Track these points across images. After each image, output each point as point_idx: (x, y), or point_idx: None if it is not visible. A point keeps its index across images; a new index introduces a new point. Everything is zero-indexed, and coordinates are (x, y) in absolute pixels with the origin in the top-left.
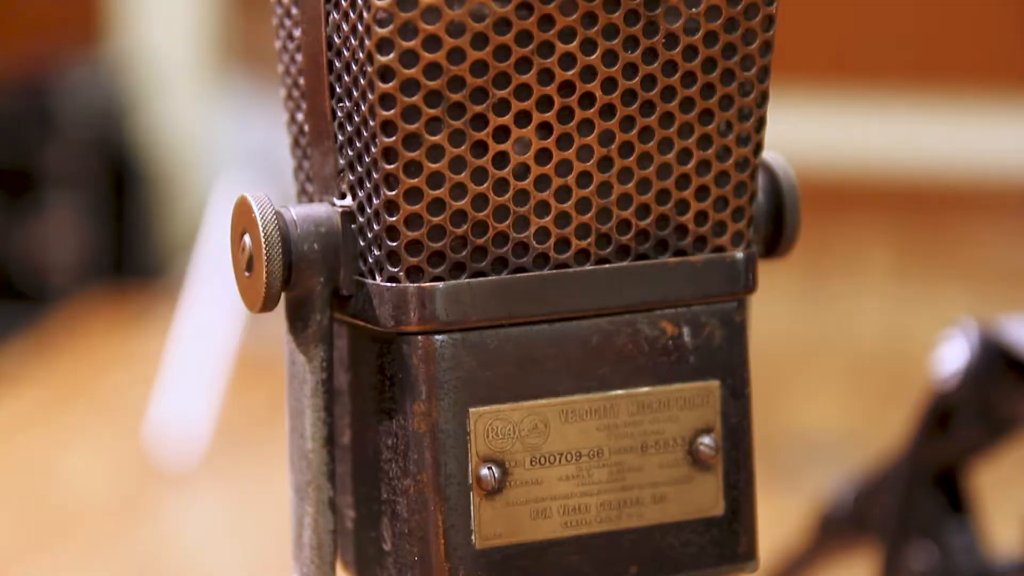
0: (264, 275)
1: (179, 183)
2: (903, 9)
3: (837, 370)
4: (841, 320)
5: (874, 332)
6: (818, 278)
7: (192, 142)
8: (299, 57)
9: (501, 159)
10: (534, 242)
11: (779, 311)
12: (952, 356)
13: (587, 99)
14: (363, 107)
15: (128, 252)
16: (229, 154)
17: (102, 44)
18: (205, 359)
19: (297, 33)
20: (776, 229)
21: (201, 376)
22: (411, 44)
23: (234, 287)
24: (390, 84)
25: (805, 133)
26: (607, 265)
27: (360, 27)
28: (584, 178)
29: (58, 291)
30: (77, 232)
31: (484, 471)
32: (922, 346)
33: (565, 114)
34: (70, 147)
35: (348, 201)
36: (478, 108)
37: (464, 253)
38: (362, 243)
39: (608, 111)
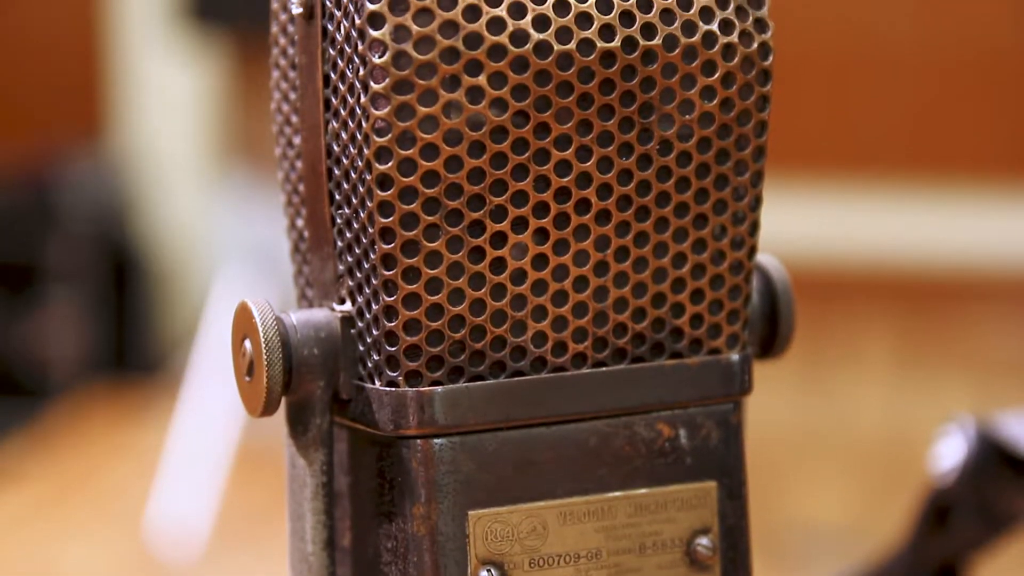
0: (264, 380)
1: (179, 278)
2: (899, 98)
3: (837, 461)
4: (841, 411)
5: (874, 422)
6: (818, 368)
7: (193, 237)
8: (299, 164)
9: (499, 264)
10: (532, 346)
11: (778, 401)
12: (949, 452)
13: (583, 205)
14: (362, 214)
15: (128, 347)
16: (229, 249)
17: (103, 140)
18: (205, 454)
19: (297, 141)
20: (771, 330)
21: (201, 471)
22: (409, 153)
23: (234, 383)
24: (388, 192)
25: (803, 222)
26: (604, 368)
27: (359, 136)
28: (580, 282)
29: (58, 386)
30: (77, 327)
31: (483, 574)
32: (922, 436)
33: (561, 220)
34: (71, 242)
35: (348, 306)
36: (475, 214)
37: (462, 357)
38: (361, 348)
39: (603, 216)
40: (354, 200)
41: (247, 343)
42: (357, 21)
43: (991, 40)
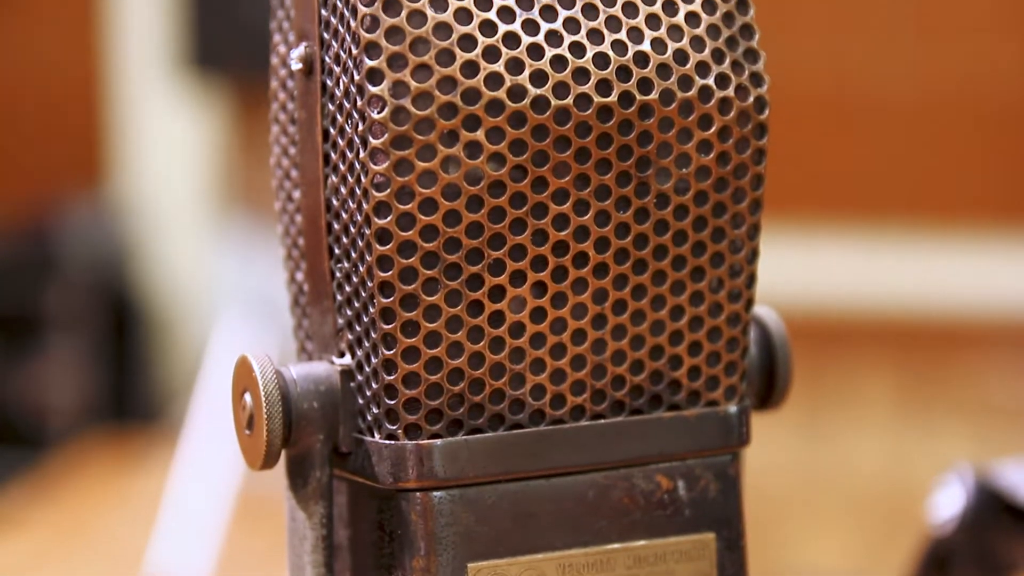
0: (265, 433)
1: (179, 326)
2: (897, 145)
3: (837, 507)
4: (840, 457)
5: (874, 469)
6: (817, 415)
7: (192, 285)
8: (298, 218)
9: (497, 318)
10: (530, 399)
11: (778, 448)
12: (948, 501)
13: (580, 258)
14: (361, 268)
15: (128, 395)
16: (229, 297)
17: (104, 188)
18: (205, 502)
19: (296, 195)
20: (769, 382)
21: (201, 519)
22: (408, 207)
23: (233, 431)
24: (388, 246)
25: (803, 268)
26: (602, 421)
27: (358, 190)
28: (578, 335)
29: (58, 434)
30: (77, 375)
31: None
32: (923, 483)
33: (559, 273)
34: (71, 290)
35: (347, 359)
36: (474, 268)
37: (461, 410)
38: (361, 401)
39: (601, 270)
40: (353, 254)
41: (247, 397)
42: (356, 77)
43: (989, 86)
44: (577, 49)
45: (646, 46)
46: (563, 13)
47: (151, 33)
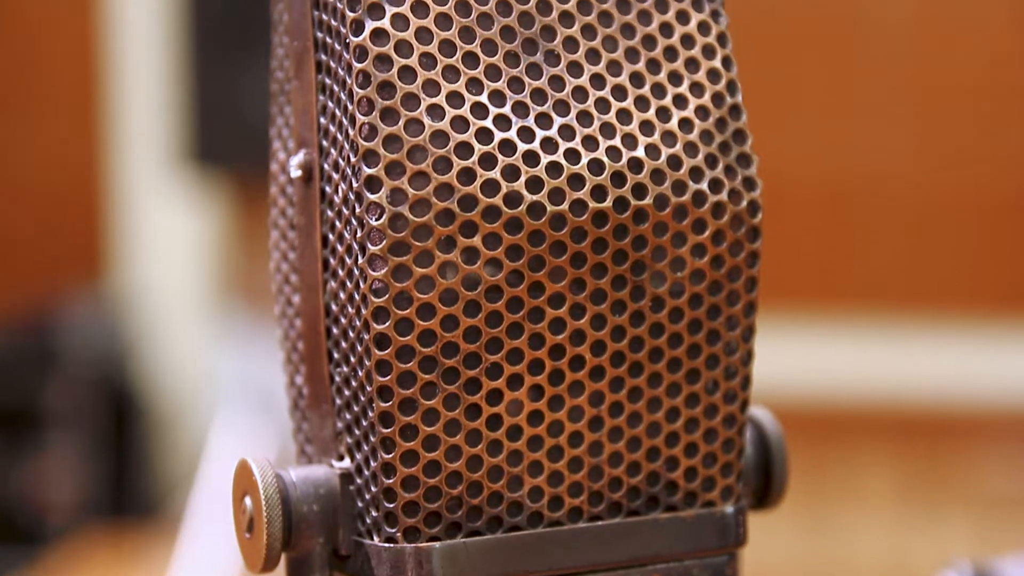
0: (265, 536)
1: (179, 421)
2: (894, 235)
3: None
4: (842, 549)
5: (876, 561)
6: (818, 507)
7: (192, 380)
8: (298, 323)
9: (494, 421)
10: (528, 501)
11: (779, 540)
12: None
13: (577, 362)
14: (360, 372)
15: (127, 490)
16: (229, 392)
17: (104, 283)
18: None
19: (296, 300)
20: (765, 482)
21: None
22: (406, 313)
23: (232, 524)
24: (386, 351)
25: (803, 359)
26: (599, 522)
27: (357, 296)
28: (575, 438)
29: (57, 530)
30: (77, 470)
31: None
32: (924, 574)
33: (556, 376)
34: (71, 385)
35: (346, 463)
36: (471, 372)
37: (459, 513)
38: (360, 504)
39: (598, 373)
40: (352, 358)
41: (247, 500)
42: (355, 184)
43: (986, 175)
44: (572, 155)
45: (640, 152)
46: (558, 120)
47: (152, 128)
